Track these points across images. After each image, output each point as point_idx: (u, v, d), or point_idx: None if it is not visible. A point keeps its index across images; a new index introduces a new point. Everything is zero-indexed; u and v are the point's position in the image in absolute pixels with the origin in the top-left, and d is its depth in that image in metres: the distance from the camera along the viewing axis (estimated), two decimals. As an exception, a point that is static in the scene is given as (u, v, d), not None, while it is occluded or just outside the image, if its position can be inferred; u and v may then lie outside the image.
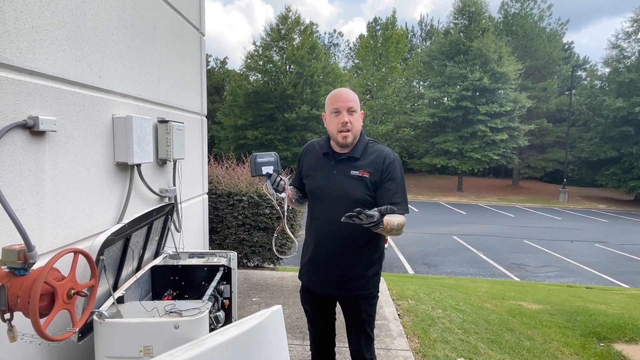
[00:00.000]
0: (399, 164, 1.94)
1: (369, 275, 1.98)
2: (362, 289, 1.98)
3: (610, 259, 11.20)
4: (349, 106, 1.91)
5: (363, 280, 1.97)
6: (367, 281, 1.98)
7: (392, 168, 1.90)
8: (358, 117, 1.95)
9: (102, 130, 2.25)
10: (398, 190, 1.89)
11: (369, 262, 1.97)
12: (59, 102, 1.88)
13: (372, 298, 2.02)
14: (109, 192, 2.33)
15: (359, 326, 2.03)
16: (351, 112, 1.91)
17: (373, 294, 2.02)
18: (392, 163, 1.91)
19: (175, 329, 1.77)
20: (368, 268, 1.97)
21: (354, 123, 1.91)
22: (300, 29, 27.68)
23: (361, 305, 1.99)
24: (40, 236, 1.78)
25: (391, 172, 1.89)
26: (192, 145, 3.64)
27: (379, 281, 2.04)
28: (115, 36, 2.35)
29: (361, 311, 2.00)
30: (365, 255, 1.96)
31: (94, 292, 1.56)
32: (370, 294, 2.00)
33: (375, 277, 2.01)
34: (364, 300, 1.99)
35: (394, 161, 1.93)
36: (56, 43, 1.85)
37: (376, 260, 2.01)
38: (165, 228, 2.78)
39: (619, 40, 26.41)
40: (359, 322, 2.02)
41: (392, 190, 1.87)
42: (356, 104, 1.94)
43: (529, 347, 3.41)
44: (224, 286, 2.64)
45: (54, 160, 1.86)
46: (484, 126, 25.77)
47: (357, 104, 1.94)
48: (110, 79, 2.32)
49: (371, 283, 1.99)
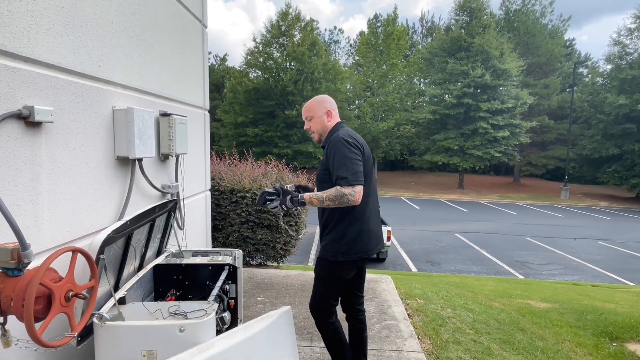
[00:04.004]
0: (339, 144, 2.22)
1: (325, 241, 2.36)
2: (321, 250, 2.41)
3: (614, 256, 11.12)
4: (305, 116, 2.45)
5: (322, 243, 2.40)
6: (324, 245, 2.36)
7: (332, 150, 2.24)
8: (316, 120, 2.40)
9: (102, 122, 2.14)
10: (339, 165, 2.18)
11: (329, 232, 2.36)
12: (56, 92, 1.77)
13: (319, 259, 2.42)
14: (110, 188, 2.23)
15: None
16: (308, 120, 2.43)
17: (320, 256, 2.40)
18: (332, 145, 2.25)
19: (180, 332, 1.67)
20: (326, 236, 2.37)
21: (312, 127, 2.43)
22: (300, 26, 27.51)
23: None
24: (37, 234, 1.67)
25: (332, 153, 2.24)
26: (194, 140, 3.54)
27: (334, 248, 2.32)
28: (115, 24, 2.24)
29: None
30: (328, 227, 2.35)
31: (94, 293, 1.46)
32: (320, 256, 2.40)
33: (330, 243, 2.33)
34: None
35: (334, 143, 2.25)
36: (53, 29, 1.74)
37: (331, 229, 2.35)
38: (168, 225, 2.68)
39: (621, 37, 26.29)
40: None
41: (335, 167, 2.20)
42: (309, 112, 2.41)
43: (542, 347, 3.32)
44: (230, 286, 2.55)
45: (51, 154, 1.76)
46: (485, 123, 25.63)
47: (310, 112, 2.41)
48: (110, 69, 2.21)
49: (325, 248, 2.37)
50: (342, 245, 2.25)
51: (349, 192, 2.11)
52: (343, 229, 2.26)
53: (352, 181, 2.12)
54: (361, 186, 2.15)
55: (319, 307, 2.38)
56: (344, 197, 2.11)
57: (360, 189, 2.14)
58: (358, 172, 2.16)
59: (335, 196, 2.13)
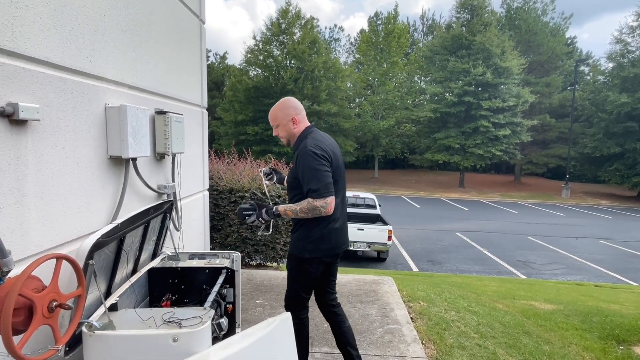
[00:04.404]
0: (308, 157, 2.26)
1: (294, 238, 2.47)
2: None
3: (617, 256, 11.03)
4: (271, 125, 2.50)
5: (291, 240, 2.50)
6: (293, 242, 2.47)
7: (301, 161, 2.30)
8: (282, 128, 2.45)
9: (94, 120, 2.05)
10: (309, 179, 2.25)
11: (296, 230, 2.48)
12: (43, 88, 1.68)
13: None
14: (102, 189, 2.14)
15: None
16: (275, 127, 2.49)
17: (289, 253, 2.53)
18: (301, 156, 2.31)
19: (174, 342, 1.59)
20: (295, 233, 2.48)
21: (279, 134, 2.48)
22: (300, 24, 27.36)
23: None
24: (22, 238, 1.59)
25: (301, 164, 2.30)
26: (192, 138, 3.45)
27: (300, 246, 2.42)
28: (107, 18, 2.14)
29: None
30: (297, 224, 2.46)
31: (81, 302, 1.37)
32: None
33: (298, 240, 2.43)
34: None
35: (302, 155, 2.30)
36: (39, 21, 1.65)
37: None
38: (163, 227, 2.59)
39: (623, 34, 26.10)
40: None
41: (306, 179, 2.27)
42: (275, 120, 2.46)
43: (548, 352, 3.23)
44: (227, 290, 2.46)
45: (38, 153, 1.67)
46: (486, 122, 25.51)
47: (276, 120, 2.45)
48: (103, 64, 2.11)
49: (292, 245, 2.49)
50: (308, 243, 2.36)
51: (321, 204, 2.22)
52: (310, 227, 2.35)
53: (323, 193, 2.22)
54: (332, 197, 2.25)
55: (290, 300, 2.50)
56: (316, 209, 2.23)
57: (331, 199, 2.24)
58: (328, 183, 2.25)
59: (308, 209, 2.24)
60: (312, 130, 2.44)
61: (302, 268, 2.42)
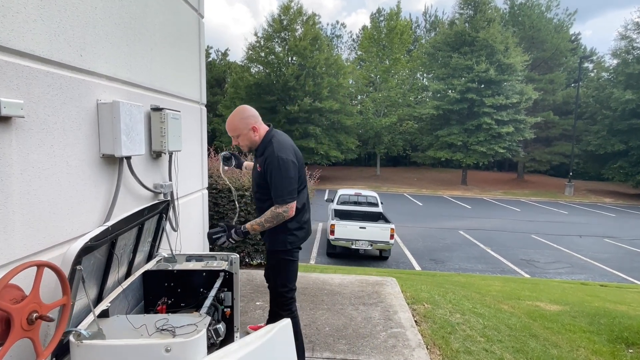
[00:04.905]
0: (276, 164, 2.42)
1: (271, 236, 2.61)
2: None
3: (622, 254, 10.91)
4: (230, 135, 2.59)
5: (267, 238, 2.64)
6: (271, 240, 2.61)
7: (269, 166, 2.45)
8: (243, 137, 2.55)
9: (85, 117, 1.95)
10: (276, 185, 2.43)
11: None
12: (28, 83, 1.59)
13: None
14: (94, 189, 2.05)
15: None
16: (235, 137, 2.58)
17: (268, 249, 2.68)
18: (269, 162, 2.45)
19: (166, 352, 1.50)
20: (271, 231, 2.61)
21: (240, 143, 2.59)
22: (302, 20, 27.14)
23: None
24: (6, 241, 1.50)
25: (269, 170, 2.45)
26: (190, 136, 3.35)
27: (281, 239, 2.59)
28: (99, 10, 2.05)
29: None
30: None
31: (66, 312, 1.28)
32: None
33: (277, 236, 2.59)
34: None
35: (271, 161, 2.44)
36: (24, 12, 1.55)
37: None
38: (159, 228, 2.50)
39: (628, 31, 25.82)
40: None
41: (273, 185, 2.45)
42: (235, 131, 2.55)
43: (556, 356, 3.14)
44: (225, 293, 2.37)
45: (24, 152, 1.58)
46: (489, 119, 25.31)
47: (236, 131, 2.55)
48: (94, 58, 2.02)
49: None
50: (288, 235, 2.57)
51: (283, 210, 2.43)
52: (285, 223, 2.54)
53: (287, 199, 2.43)
54: (294, 201, 2.47)
55: (280, 297, 2.60)
56: (279, 215, 2.44)
57: (293, 204, 2.46)
58: (292, 190, 2.45)
59: (272, 217, 2.45)
60: (273, 133, 2.58)
61: (286, 259, 2.59)
